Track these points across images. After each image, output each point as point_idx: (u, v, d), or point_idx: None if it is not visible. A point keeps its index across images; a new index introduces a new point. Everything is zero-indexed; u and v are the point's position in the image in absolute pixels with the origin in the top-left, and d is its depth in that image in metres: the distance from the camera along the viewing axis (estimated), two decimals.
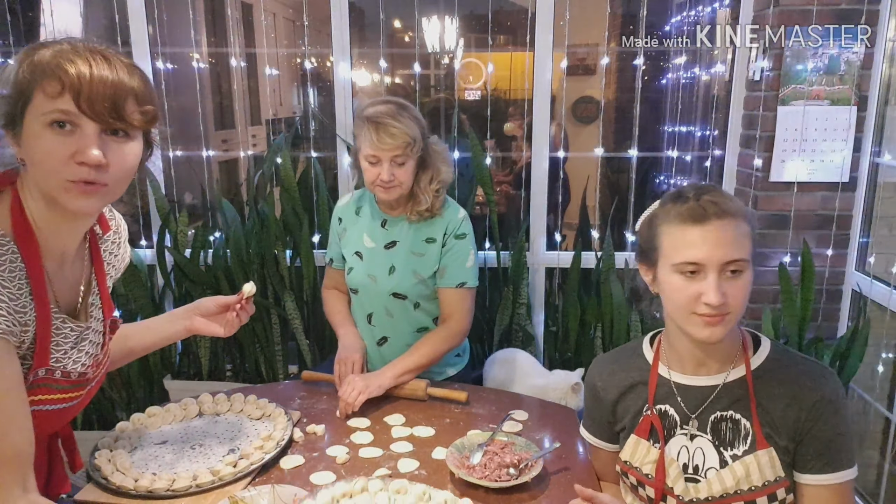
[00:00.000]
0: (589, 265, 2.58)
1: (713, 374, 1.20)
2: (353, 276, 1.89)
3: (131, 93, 0.96)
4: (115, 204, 1.19)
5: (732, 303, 1.10)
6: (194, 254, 2.60)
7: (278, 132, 2.78)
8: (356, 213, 1.94)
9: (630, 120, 2.57)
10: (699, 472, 1.18)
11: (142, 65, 2.53)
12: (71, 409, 1.04)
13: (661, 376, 1.25)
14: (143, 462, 1.35)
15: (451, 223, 1.84)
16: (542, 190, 2.58)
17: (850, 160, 2.31)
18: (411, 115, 1.74)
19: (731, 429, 1.17)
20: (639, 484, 1.24)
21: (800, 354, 1.21)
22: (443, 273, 1.84)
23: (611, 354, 1.39)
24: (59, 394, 1.00)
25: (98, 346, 1.08)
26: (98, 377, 1.09)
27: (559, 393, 1.86)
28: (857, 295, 2.37)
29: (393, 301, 1.85)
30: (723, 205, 1.11)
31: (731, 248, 1.10)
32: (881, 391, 2.32)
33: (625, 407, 1.29)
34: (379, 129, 1.69)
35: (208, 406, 1.58)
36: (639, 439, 1.24)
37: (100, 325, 1.09)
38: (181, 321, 1.37)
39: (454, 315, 1.84)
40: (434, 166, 1.82)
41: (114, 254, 1.21)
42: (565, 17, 2.47)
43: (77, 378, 1.02)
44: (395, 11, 3.88)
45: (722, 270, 1.10)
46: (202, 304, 1.38)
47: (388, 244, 1.86)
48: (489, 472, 1.32)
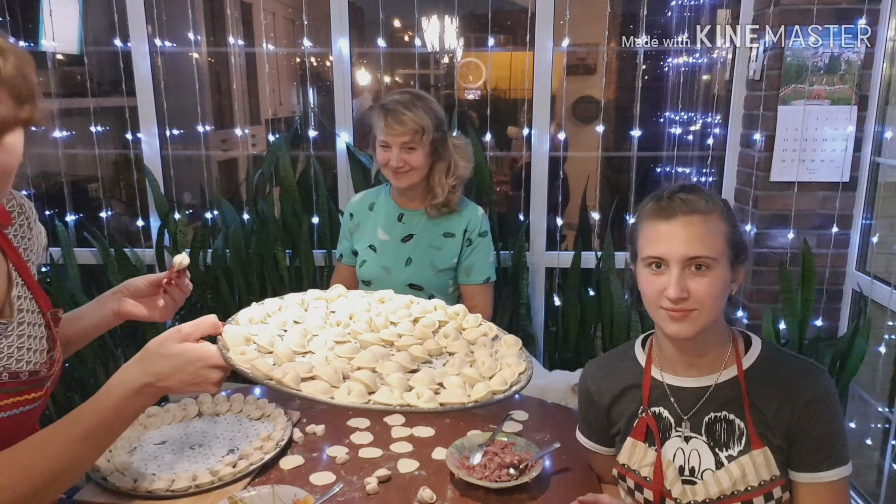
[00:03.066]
0: (589, 265, 2.58)
1: (704, 376, 1.20)
2: (366, 268, 1.93)
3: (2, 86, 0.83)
4: (117, 204, 1.15)
5: (697, 299, 1.11)
6: (194, 254, 2.60)
7: (278, 132, 2.77)
8: (370, 209, 1.98)
9: (630, 120, 2.57)
10: (695, 474, 1.18)
11: (142, 64, 2.56)
12: (30, 413, 0.99)
13: (654, 378, 1.25)
14: (143, 462, 1.35)
15: (473, 221, 1.90)
16: (542, 190, 2.58)
17: (850, 160, 2.31)
18: (426, 106, 1.80)
19: (726, 429, 1.17)
20: (637, 487, 1.24)
21: (791, 353, 1.22)
22: (469, 271, 1.91)
23: (602, 358, 1.39)
24: (13, 397, 0.94)
25: (42, 340, 1.02)
26: (54, 376, 1.04)
27: (559, 393, 1.86)
28: (857, 295, 2.37)
29: (408, 292, 1.86)
30: (693, 203, 1.13)
31: (694, 244, 1.11)
32: (881, 391, 2.32)
33: (619, 411, 1.29)
34: (388, 116, 1.77)
35: (208, 406, 1.57)
36: (635, 442, 1.24)
37: (36, 318, 1.02)
38: (108, 305, 1.21)
39: (478, 307, 1.90)
40: (451, 159, 1.86)
41: (27, 238, 1.10)
42: (565, 16, 2.47)
43: (29, 378, 0.97)
44: (395, 11, 3.87)
45: (686, 266, 1.11)
46: (131, 284, 1.23)
47: (405, 237, 1.91)
48: (489, 472, 1.32)
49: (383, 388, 0.85)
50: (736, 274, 1.16)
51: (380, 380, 0.87)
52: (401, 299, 1.19)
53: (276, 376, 0.85)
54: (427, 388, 0.86)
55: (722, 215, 1.14)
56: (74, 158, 2.84)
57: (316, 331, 1.00)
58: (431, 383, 0.88)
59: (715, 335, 1.18)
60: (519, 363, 1.02)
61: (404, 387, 0.85)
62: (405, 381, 0.86)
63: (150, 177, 2.61)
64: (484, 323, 1.15)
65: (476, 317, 1.20)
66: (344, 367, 0.87)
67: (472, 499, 1.25)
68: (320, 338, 0.98)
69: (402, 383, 0.86)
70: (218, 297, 2.59)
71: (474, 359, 0.98)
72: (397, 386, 0.85)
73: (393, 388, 0.85)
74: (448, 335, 1.05)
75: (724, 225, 1.14)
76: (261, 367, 0.86)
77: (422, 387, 0.86)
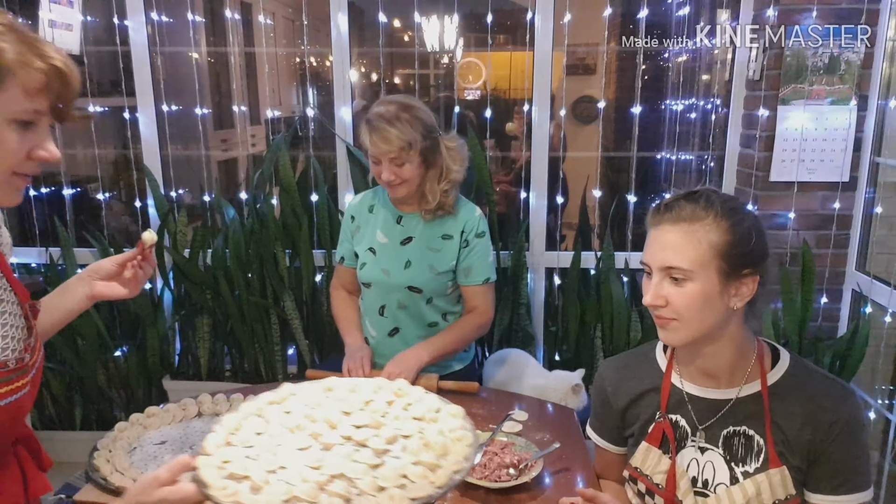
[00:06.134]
0: (589, 265, 2.58)
1: (724, 388, 1.17)
2: (366, 271, 1.92)
3: None
4: (115, 204, 1.17)
5: (675, 309, 1.09)
6: (193, 254, 2.60)
7: (277, 132, 2.77)
8: (369, 211, 1.97)
9: (630, 119, 2.57)
10: (708, 487, 1.15)
11: (141, 63, 2.56)
12: (23, 399, 1.02)
13: (673, 385, 1.23)
14: (143, 462, 1.35)
15: (470, 222, 1.88)
16: (542, 190, 2.58)
17: (850, 160, 2.31)
18: (413, 116, 1.74)
19: (744, 444, 1.14)
20: (648, 492, 1.22)
21: (821, 372, 1.17)
22: (468, 272, 1.89)
23: (621, 359, 1.36)
24: (5, 386, 0.97)
25: (22, 329, 1.05)
26: (37, 363, 1.06)
27: (559, 393, 1.86)
28: (857, 295, 2.37)
29: (408, 294, 1.88)
30: (682, 211, 1.10)
31: (670, 254, 1.09)
32: (881, 391, 2.32)
33: (635, 414, 1.27)
34: (373, 133, 1.72)
35: (207, 406, 1.57)
36: (650, 447, 1.22)
37: (16, 309, 1.04)
38: (79, 290, 1.25)
39: (479, 307, 1.91)
40: (442, 165, 1.83)
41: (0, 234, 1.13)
42: (565, 16, 2.47)
43: (16, 366, 1.00)
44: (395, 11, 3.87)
45: (665, 275, 1.10)
46: (100, 268, 1.26)
47: (405, 240, 1.89)
48: (489, 472, 1.32)
49: (360, 498, 0.91)
50: (737, 287, 1.10)
51: (352, 486, 0.93)
52: (344, 384, 1.21)
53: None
54: (395, 484, 0.93)
55: (717, 225, 1.08)
56: (74, 158, 2.84)
57: (279, 439, 1.05)
58: (398, 479, 0.94)
59: (728, 348, 1.14)
60: (465, 435, 1.05)
61: (375, 488, 0.92)
62: (375, 483, 0.93)
63: (149, 177, 2.61)
64: (426, 396, 1.16)
65: (418, 390, 1.19)
66: (317, 479, 0.93)
67: (472, 499, 1.25)
68: (285, 450, 1.02)
69: (373, 486, 0.92)
70: (218, 297, 2.59)
71: (426, 440, 1.02)
72: (369, 490, 0.91)
73: (368, 497, 0.91)
74: (398, 417, 1.09)
75: (714, 235, 1.07)
76: (244, 501, 0.90)
77: (392, 487, 0.92)
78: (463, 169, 1.87)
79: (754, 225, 1.11)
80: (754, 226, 1.11)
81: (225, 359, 2.77)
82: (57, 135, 2.67)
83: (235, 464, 0.99)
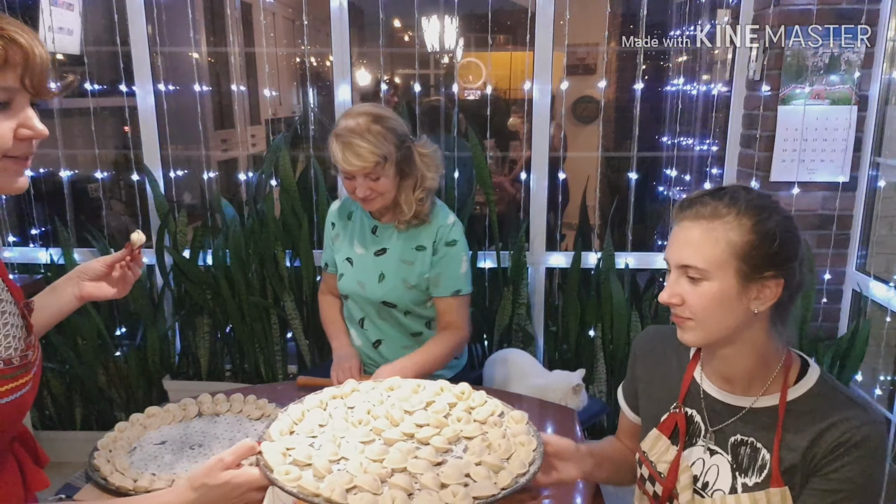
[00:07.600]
0: (589, 265, 2.58)
1: (739, 394, 1.12)
2: (344, 282, 1.86)
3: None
4: (116, 204, 1.18)
5: (691, 308, 1.05)
6: (193, 254, 2.60)
7: (278, 132, 2.77)
8: (348, 218, 1.90)
9: (630, 120, 2.57)
10: (707, 490, 1.13)
11: (142, 64, 2.56)
12: (27, 395, 1.03)
13: (694, 379, 1.20)
14: (143, 462, 1.35)
15: (441, 230, 1.78)
16: (542, 190, 2.58)
17: (850, 160, 2.31)
18: (385, 128, 1.65)
19: (749, 455, 1.10)
20: (650, 478, 1.21)
21: (847, 394, 1.07)
22: (437, 282, 1.79)
23: (662, 331, 1.30)
24: (10, 383, 0.97)
25: (21, 328, 1.06)
26: (36, 361, 1.08)
27: (559, 393, 1.86)
28: (857, 295, 2.37)
29: (383, 308, 1.83)
30: (703, 208, 1.05)
31: (687, 251, 1.05)
32: (881, 391, 2.32)
33: (648, 392, 1.25)
34: (345, 150, 1.62)
35: (207, 406, 1.57)
36: (660, 435, 1.20)
37: (13, 308, 1.04)
38: (69, 291, 1.26)
39: (452, 324, 1.80)
40: (417, 174, 1.74)
41: None
42: (565, 16, 2.47)
43: (20, 363, 1.01)
44: (395, 11, 3.88)
45: (682, 272, 1.06)
46: (89, 269, 1.28)
47: (379, 251, 1.82)
48: None
49: (421, 493, 0.93)
50: (758, 289, 1.03)
51: (414, 481, 0.95)
52: (408, 385, 1.24)
53: (324, 494, 0.91)
54: (458, 482, 0.94)
55: (739, 223, 1.03)
56: (74, 158, 2.84)
57: (342, 432, 1.07)
58: (461, 477, 0.95)
59: (748, 354, 1.08)
60: (530, 440, 1.06)
61: (438, 485, 0.93)
62: (438, 479, 0.94)
63: (149, 177, 2.61)
64: (489, 400, 1.17)
65: (480, 394, 1.20)
66: (379, 472, 0.95)
67: None
68: (348, 441, 1.05)
69: (435, 482, 0.93)
70: (218, 297, 2.59)
71: (489, 441, 1.04)
72: (432, 485, 0.93)
73: (431, 491, 0.93)
74: (460, 418, 1.11)
75: (735, 234, 1.02)
76: (308, 486, 0.92)
77: (455, 484, 0.94)
78: (437, 175, 1.78)
79: (781, 225, 1.04)
80: (781, 226, 1.04)
81: (225, 359, 2.77)
82: (57, 134, 2.67)
83: (299, 451, 1.01)
